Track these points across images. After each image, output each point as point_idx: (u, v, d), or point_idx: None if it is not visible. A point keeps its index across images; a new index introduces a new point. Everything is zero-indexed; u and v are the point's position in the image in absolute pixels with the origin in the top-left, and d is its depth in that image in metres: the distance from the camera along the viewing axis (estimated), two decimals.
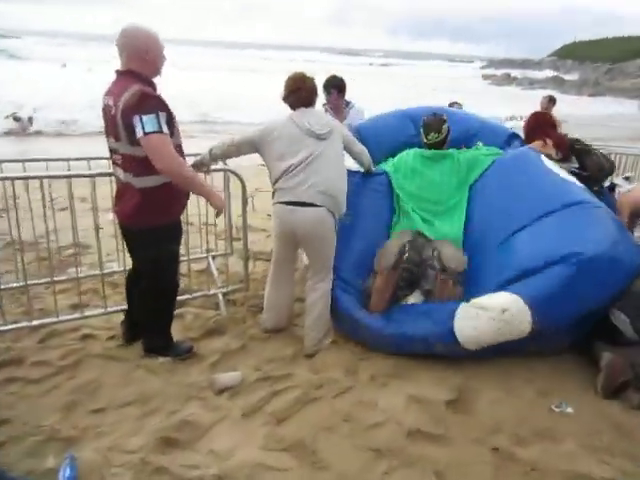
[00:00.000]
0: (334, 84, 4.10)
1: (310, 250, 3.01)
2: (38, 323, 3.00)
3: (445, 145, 3.60)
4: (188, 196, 2.78)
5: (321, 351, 3.00)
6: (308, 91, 2.98)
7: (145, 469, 2.08)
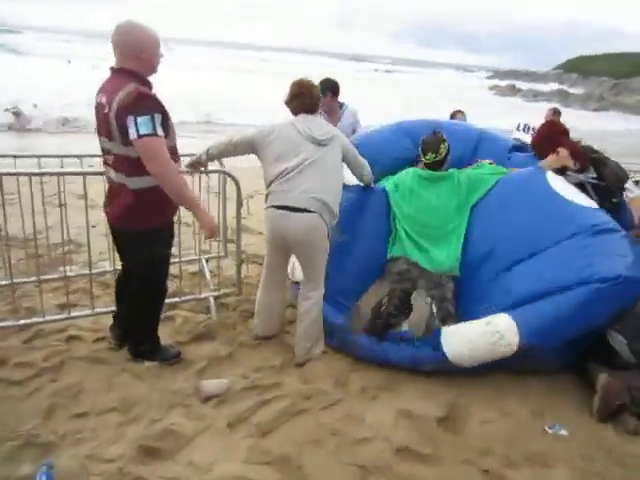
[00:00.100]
0: (328, 86, 4.14)
1: (302, 257, 2.94)
2: (24, 323, 2.95)
3: (445, 165, 3.39)
4: None
5: (311, 360, 2.93)
6: (312, 97, 2.94)
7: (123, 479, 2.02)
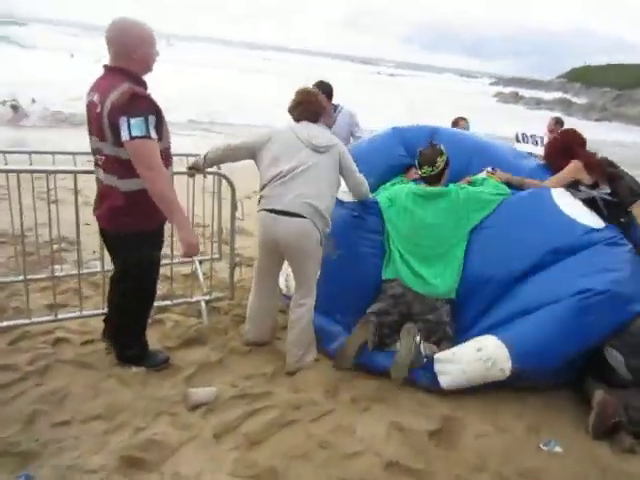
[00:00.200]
0: (322, 89, 4.13)
1: (294, 263, 2.89)
2: (7, 325, 2.87)
3: (443, 180, 3.15)
4: None
5: (303, 369, 2.87)
6: (315, 105, 2.92)
7: None
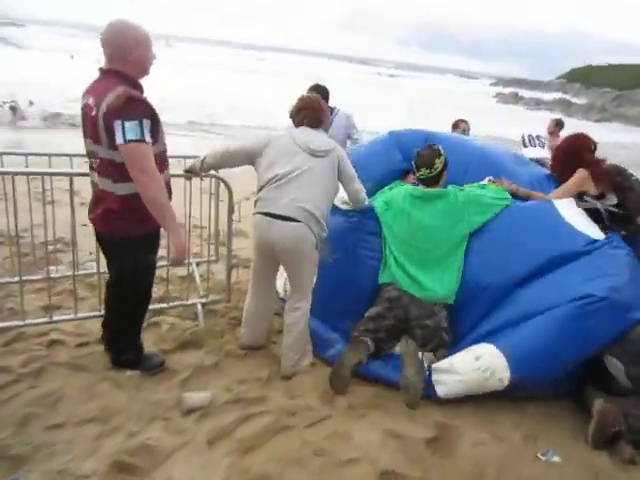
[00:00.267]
0: (318, 92, 4.12)
1: (288, 267, 2.87)
2: (1, 326, 2.85)
3: (441, 181, 3.08)
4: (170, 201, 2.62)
5: (298, 374, 2.85)
6: (317, 112, 2.91)
7: None
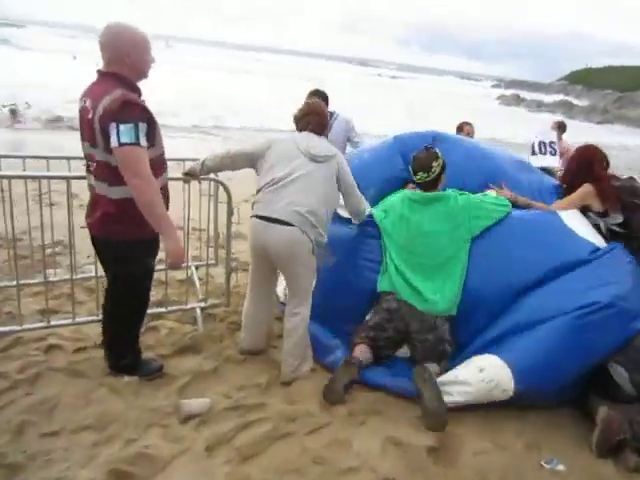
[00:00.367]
0: (318, 97, 4.12)
1: (285, 271, 2.84)
2: None
3: (439, 185, 3.00)
4: (167, 206, 2.60)
5: (298, 379, 2.82)
6: (322, 117, 2.90)
7: None
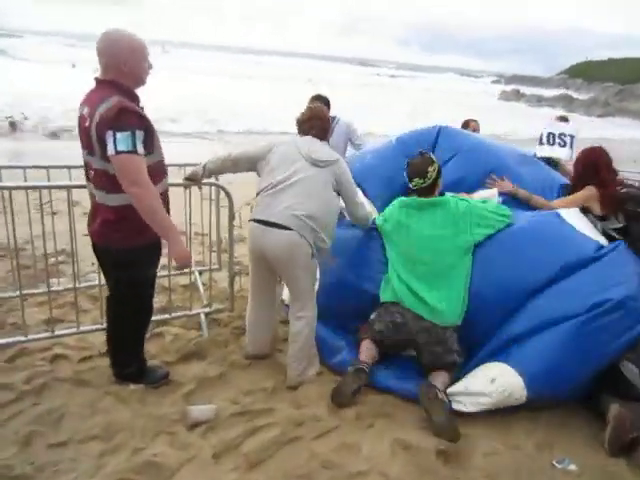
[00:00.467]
0: (321, 102, 4.11)
1: (284, 275, 2.83)
2: (4, 342, 2.81)
3: (436, 190, 2.95)
4: (168, 212, 2.58)
5: (305, 383, 2.80)
6: (325, 122, 2.90)
7: None
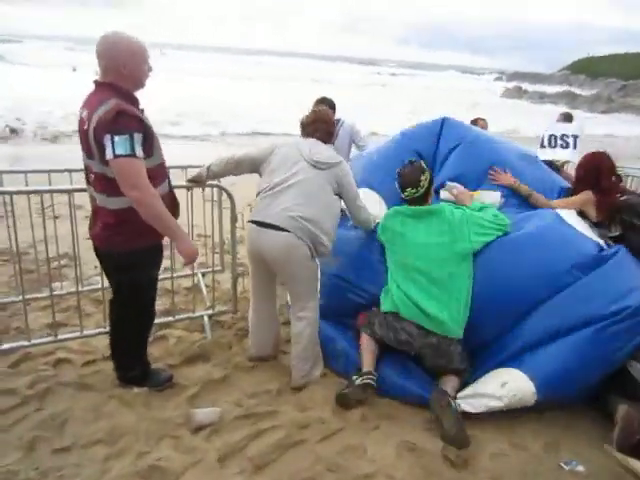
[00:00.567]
0: (326, 105, 4.12)
1: (283, 277, 2.82)
2: (6, 347, 2.80)
3: (430, 198, 2.90)
4: (178, 213, 2.54)
5: (309, 385, 2.79)
6: (330, 126, 2.88)
7: None
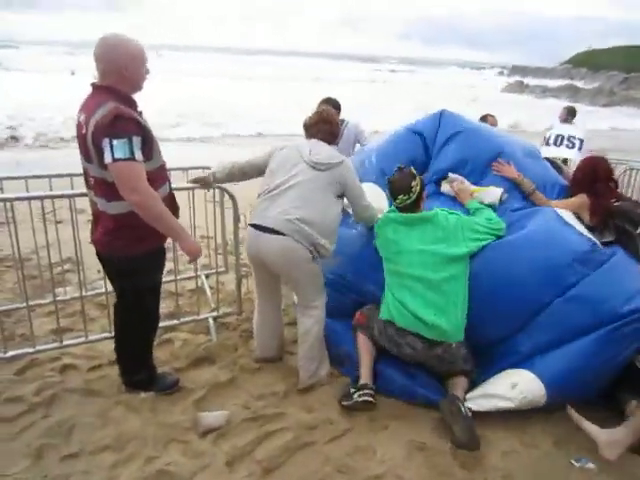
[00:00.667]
0: (331, 104, 4.10)
1: (283, 279, 2.82)
2: (12, 355, 2.79)
3: (422, 204, 2.81)
4: (177, 216, 2.53)
5: (316, 386, 2.77)
6: (334, 127, 2.84)
7: None
